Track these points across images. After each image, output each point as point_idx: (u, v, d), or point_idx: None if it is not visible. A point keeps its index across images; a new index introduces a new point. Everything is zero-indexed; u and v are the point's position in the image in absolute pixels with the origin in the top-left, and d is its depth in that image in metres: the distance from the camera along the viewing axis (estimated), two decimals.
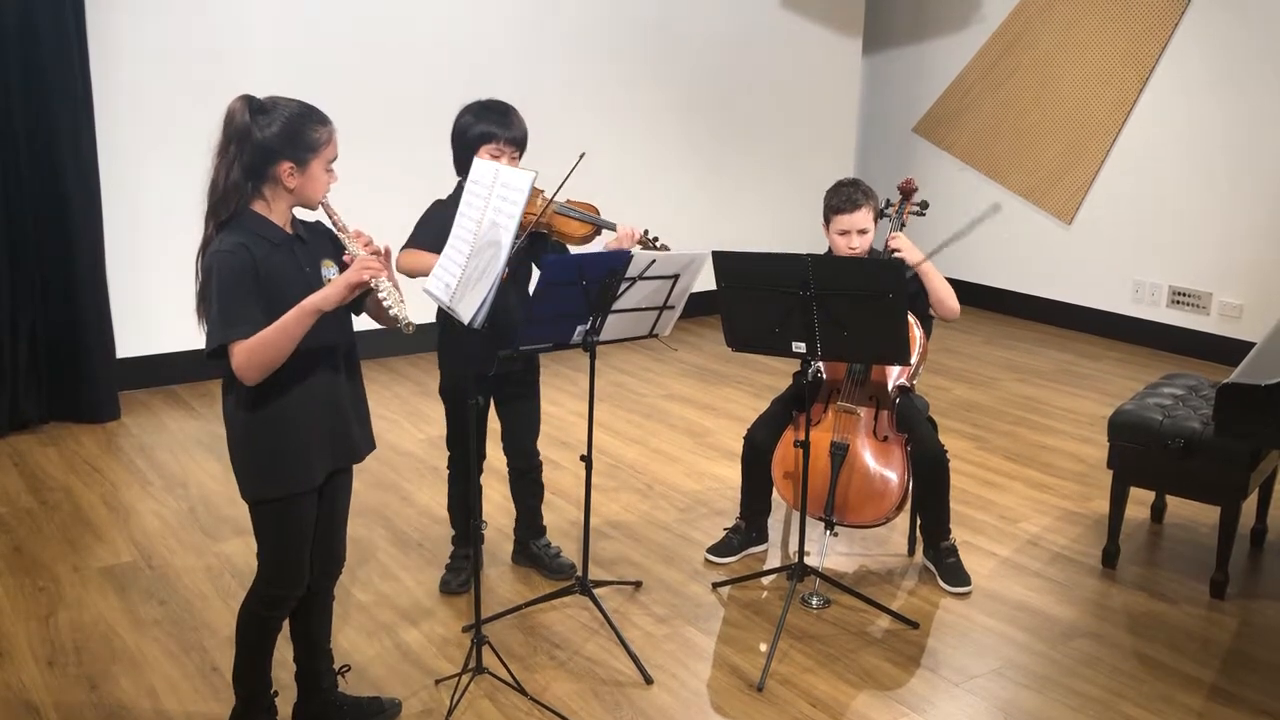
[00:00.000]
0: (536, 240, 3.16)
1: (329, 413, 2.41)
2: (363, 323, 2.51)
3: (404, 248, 3.11)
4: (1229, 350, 5.69)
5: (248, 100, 2.29)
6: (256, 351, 2.22)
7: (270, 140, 2.27)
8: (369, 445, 2.56)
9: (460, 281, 2.59)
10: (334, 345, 2.40)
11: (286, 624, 2.61)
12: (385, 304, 2.31)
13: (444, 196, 3.22)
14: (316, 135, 2.32)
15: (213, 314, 2.26)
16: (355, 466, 2.55)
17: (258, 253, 2.27)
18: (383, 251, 2.37)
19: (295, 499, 2.39)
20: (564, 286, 2.72)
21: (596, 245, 3.29)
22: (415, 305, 2.44)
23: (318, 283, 2.35)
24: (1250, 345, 3.36)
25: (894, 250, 3.37)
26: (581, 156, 2.96)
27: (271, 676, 2.59)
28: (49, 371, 4.78)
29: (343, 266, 2.41)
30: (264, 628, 2.51)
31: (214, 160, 2.30)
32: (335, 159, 2.38)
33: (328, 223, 2.41)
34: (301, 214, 2.43)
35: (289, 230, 2.37)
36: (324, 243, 2.43)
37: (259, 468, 2.38)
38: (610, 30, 6.31)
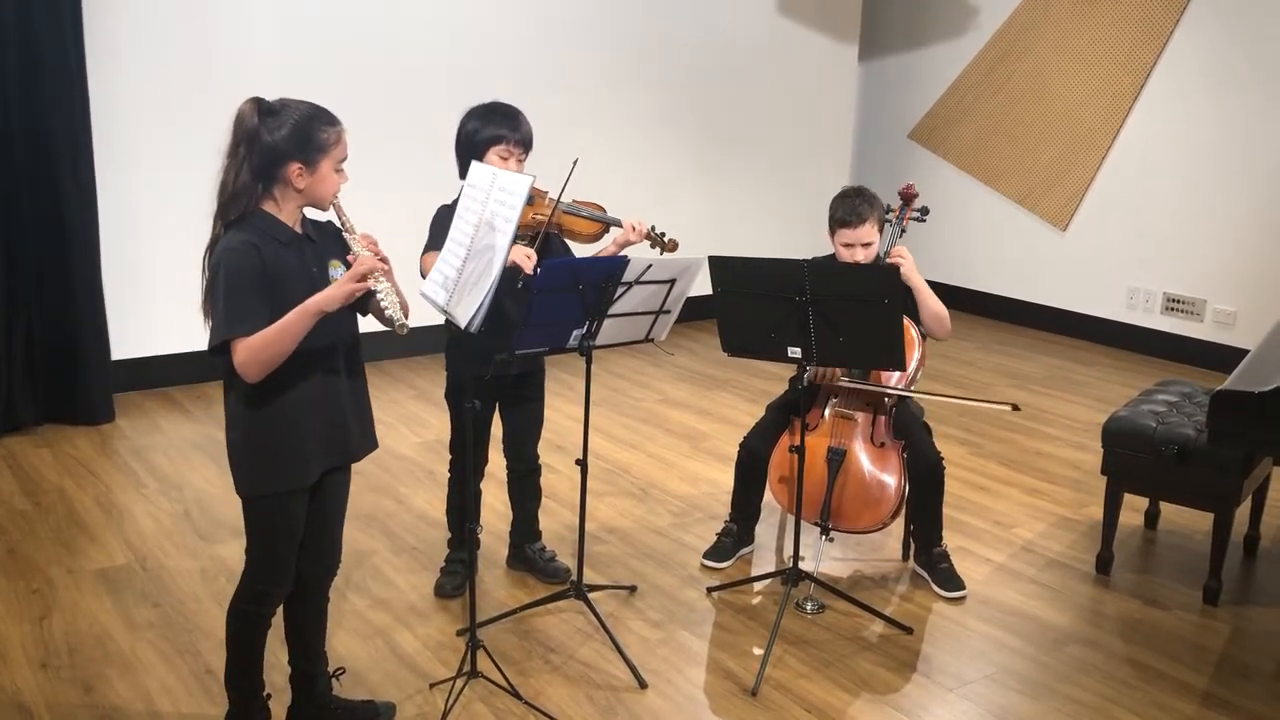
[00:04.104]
0: (546, 241, 3.16)
1: (327, 412, 2.42)
2: (362, 325, 2.52)
3: (424, 252, 3.10)
4: (1223, 357, 5.71)
5: (257, 102, 2.30)
6: (257, 349, 2.24)
7: (279, 142, 2.28)
8: (369, 445, 2.56)
9: (458, 285, 2.59)
10: (334, 345, 2.41)
11: (281, 627, 2.62)
12: (382, 305, 2.32)
13: (448, 201, 3.22)
14: (325, 136, 2.33)
15: (218, 310, 2.27)
16: (353, 468, 2.55)
17: (267, 252, 2.29)
18: (385, 256, 2.37)
19: (287, 496, 2.40)
20: (560, 291, 2.72)
21: (605, 241, 3.30)
22: (416, 308, 2.44)
23: (325, 282, 2.36)
24: (1244, 352, 3.38)
25: (894, 261, 3.38)
26: (575, 163, 2.97)
27: (264, 679, 2.59)
28: (44, 373, 4.77)
29: (349, 267, 2.42)
30: (252, 625, 2.52)
31: (224, 161, 2.31)
32: (345, 159, 2.39)
33: (337, 223, 2.42)
34: (311, 214, 2.44)
35: (298, 230, 2.38)
36: (333, 243, 2.44)
37: (256, 464, 2.39)
38: (607, 36, 6.31)
